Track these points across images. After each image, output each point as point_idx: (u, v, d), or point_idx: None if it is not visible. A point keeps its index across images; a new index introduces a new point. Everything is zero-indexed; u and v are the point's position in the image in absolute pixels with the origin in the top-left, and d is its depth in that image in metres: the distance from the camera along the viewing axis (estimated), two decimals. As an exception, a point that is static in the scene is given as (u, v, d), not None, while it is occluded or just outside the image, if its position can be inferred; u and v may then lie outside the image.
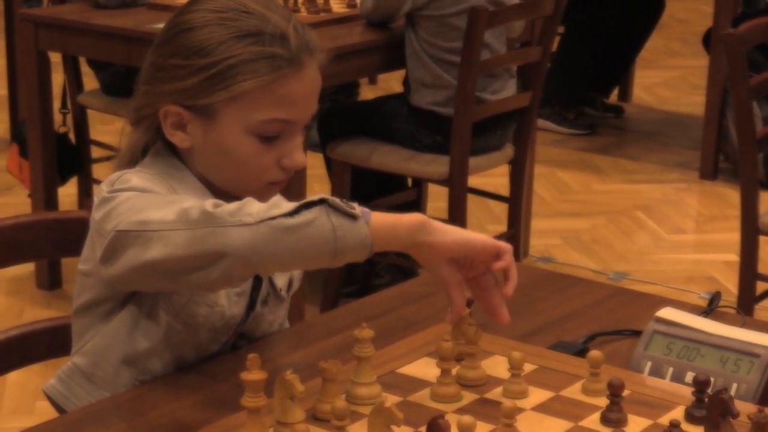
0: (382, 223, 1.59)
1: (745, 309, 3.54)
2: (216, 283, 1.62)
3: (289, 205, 1.56)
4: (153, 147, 1.83)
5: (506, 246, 1.69)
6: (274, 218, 1.54)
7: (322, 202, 1.56)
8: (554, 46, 5.31)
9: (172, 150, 1.82)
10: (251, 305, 1.87)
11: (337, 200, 1.56)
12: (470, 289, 1.71)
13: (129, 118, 1.84)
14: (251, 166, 1.78)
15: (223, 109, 1.75)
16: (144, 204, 1.65)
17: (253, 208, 1.56)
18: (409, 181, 4.45)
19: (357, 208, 1.57)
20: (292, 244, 1.54)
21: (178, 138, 1.80)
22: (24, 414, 3.46)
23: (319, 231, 1.54)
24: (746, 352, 1.76)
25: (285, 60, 1.74)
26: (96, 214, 1.71)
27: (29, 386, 3.55)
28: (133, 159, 1.85)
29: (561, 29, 6.15)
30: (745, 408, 1.61)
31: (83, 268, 1.81)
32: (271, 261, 1.58)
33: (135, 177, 1.75)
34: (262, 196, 1.80)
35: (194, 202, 1.61)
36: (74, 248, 1.89)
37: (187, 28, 1.77)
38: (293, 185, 3.85)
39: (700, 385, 1.65)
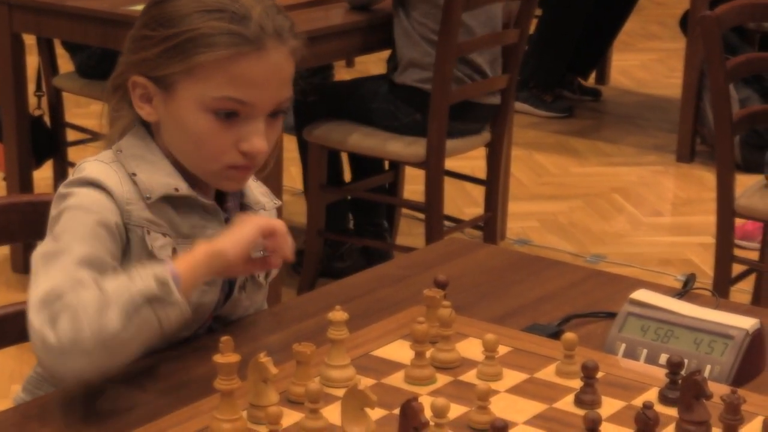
0: (187, 279, 1.67)
1: (720, 291, 3.56)
2: (55, 383, 1.73)
3: (117, 310, 1.60)
4: (133, 127, 1.83)
5: (275, 222, 1.78)
6: (111, 337, 1.60)
7: (146, 301, 1.62)
8: (531, 29, 5.32)
9: (148, 129, 1.82)
10: (230, 291, 1.87)
11: (159, 291, 1.62)
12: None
13: (107, 89, 1.85)
14: (207, 144, 1.77)
15: (180, 81, 1.75)
16: (68, 228, 1.70)
17: (85, 328, 1.58)
18: (386, 164, 4.44)
19: (173, 288, 1.63)
20: (125, 350, 1.63)
21: (145, 111, 1.80)
22: (-1, 398, 3.46)
23: (149, 328, 1.64)
24: (720, 333, 1.76)
25: (244, 38, 1.73)
26: (53, 209, 1.76)
27: (5, 370, 3.54)
28: (121, 137, 1.85)
29: (538, 12, 6.16)
30: (719, 389, 1.62)
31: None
32: (105, 369, 1.64)
33: (90, 166, 1.78)
34: (223, 180, 1.81)
35: (42, 312, 1.61)
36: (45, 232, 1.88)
37: (161, 0, 1.78)
38: (270, 170, 3.83)
39: (673, 367, 1.65)
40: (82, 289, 1.62)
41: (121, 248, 1.75)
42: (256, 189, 1.92)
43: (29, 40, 4.39)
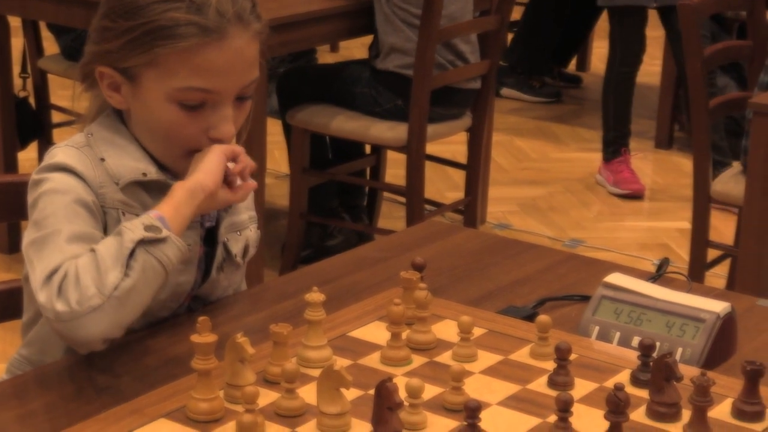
0: (173, 217, 1.68)
1: (696, 275, 3.57)
2: (84, 351, 1.71)
3: (114, 262, 1.62)
4: (105, 111, 1.82)
5: (238, 148, 1.77)
6: (116, 287, 1.61)
7: (138, 244, 1.63)
8: (515, 16, 5.32)
9: (119, 114, 1.82)
10: (207, 271, 1.86)
11: (146, 233, 1.63)
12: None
13: (77, 77, 1.84)
14: (175, 134, 1.76)
15: (144, 73, 1.74)
16: (49, 213, 1.70)
17: (90, 287, 1.60)
18: (368, 148, 4.44)
19: (161, 227, 1.65)
20: (137, 297, 1.64)
21: (115, 100, 1.79)
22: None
23: (153, 272, 1.65)
24: (692, 317, 1.77)
25: (204, 28, 1.70)
26: (29, 196, 1.76)
27: (-14, 348, 3.53)
28: (93, 121, 1.85)
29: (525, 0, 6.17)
30: (690, 372, 1.62)
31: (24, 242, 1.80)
32: (126, 321, 1.66)
33: (61, 152, 1.77)
34: None
35: (47, 287, 1.63)
36: (26, 213, 1.86)
37: None
38: (253, 153, 3.82)
39: (645, 350, 1.66)
40: (78, 258, 1.64)
41: (101, 225, 1.74)
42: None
43: (14, 22, 4.37)
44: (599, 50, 6.90)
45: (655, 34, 6.28)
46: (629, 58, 5.08)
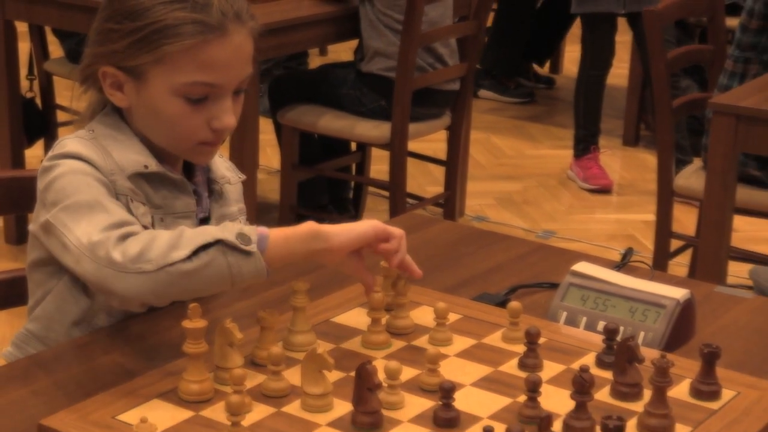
0: (277, 241, 1.60)
1: (660, 264, 3.58)
2: (118, 307, 1.71)
3: (187, 245, 1.57)
4: (104, 109, 1.81)
5: (397, 231, 1.70)
6: (172, 264, 1.56)
7: (218, 242, 1.57)
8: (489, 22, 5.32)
9: (119, 112, 1.80)
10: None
11: (232, 235, 1.57)
12: (383, 257, 1.71)
13: (78, 79, 1.83)
14: (180, 126, 1.75)
15: (150, 71, 1.73)
16: (72, 198, 1.66)
17: (153, 250, 1.57)
18: (353, 145, 4.43)
19: (253, 242, 1.58)
20: (189, 285, 1.58)
21: (117, 98, 1.78)
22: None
23: (216, 271, 1.57)
24: (653, 303, 1.76)
25: (208, 26, 1.71)
26: (39, 183, 1.73)
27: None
28: (91, 119, 1.83)
29: (494, 5, 6.16)
30: (651, 354, 1.62)
31: (32, 228, 1.78)
32: (167, 298, 1.63)
33: (71, 143, 1.75)
34: (195, 155, 1.80)
35: (108, 224, 1.60)
36: (30, 206, 1.85)
37: None
38: (247, 150, 3.83)
39: (609, 334, 1.66)
40: (161, 231, 1.61)
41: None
42: (221, 164, 1.91)
43: (21, 27, 4.35)
44: (571, 54, 6.90)
45: (622, 38, 6.28)
46: (600, 62, 5.09)
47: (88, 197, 1.66)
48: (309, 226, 1.63)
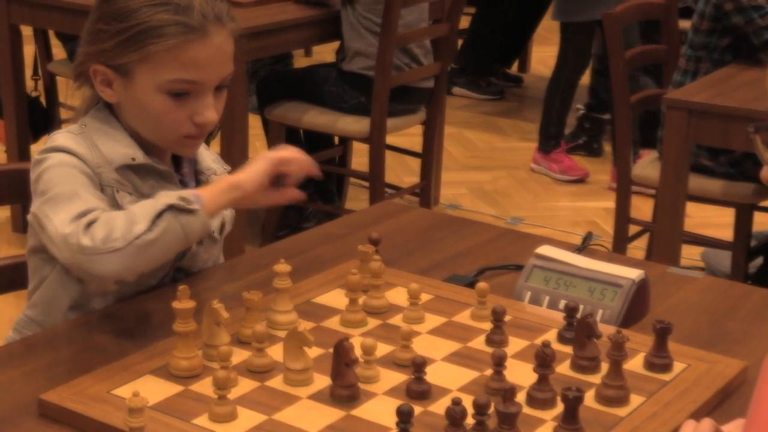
0: (209, 200, 1.65)
1: (619, 248, 3.58)
2: (95, 290, 1.74)
3: (144, 217, 1.59)
4: (97, 104, 1.80)
5: (287, 153, 1.74)
6: (138, 237, 1.58)
7: (168, 208, 1.60)
8: (463, 24, 5.30)
9: (110, 107, 1.79)
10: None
11: (175, 198, 1.61)
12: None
13: (71, 76, 1.81)
14: (165, 121, 1.74)
15: (136, 68, 1.72)
16: (56, 189, 1.67)
17: (117, 230, 1.58)
18: (336, 139, 4.42)
19: (192, 198, 1.63)
20: (155, 252, 1.61)
21: (107, 94, 1.77)
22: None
23: (173, 234, 1.61)
24: (611, 283, 1.76)
25: (189, 27, 1.70)
26: (32, 174, 1.72)
27: (3, 316, 3.49)
28: (85, 114, 1.82)
29: (472, 10, 6.15)
30: (608, 330, 1.61)
31: (30, 217, 1.77)
32: (138, 269, 1.63)
33: (61, 136, 1.75)
34: (181, 147, 1.79)
35: (75, 222, 1.60)
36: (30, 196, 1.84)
37: None
38: (237, 145, 3.81)
39: (570, 311, 1.65)
40: (109, 210, 1.63)
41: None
42: (208, 156, 1.90)
43: (27, 31, 4.32)
44: (538, 54, 6.90)
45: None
46: (579, 66, 5.08)
47: (66, 188, 1.67)
48: (226, 180, 1.70)
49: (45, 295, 1.80)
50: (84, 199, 1.65)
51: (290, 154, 1.74)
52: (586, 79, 5.29)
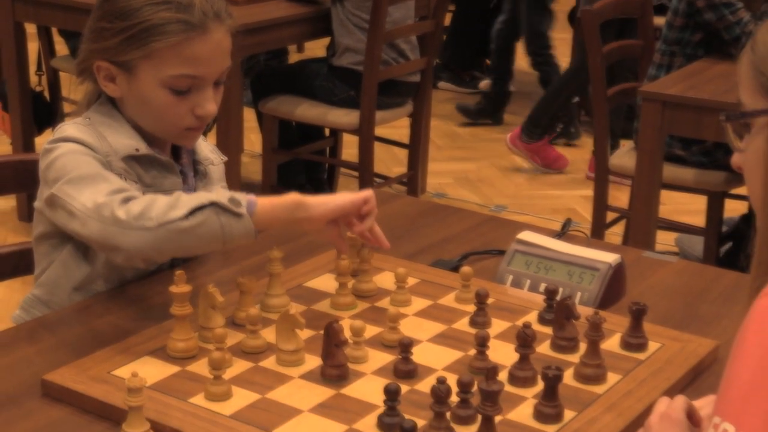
0: (264, 208, 1.58)
1: (597, 233, 3.58)
2: (122, 263, 1.67)
3: (185, 206, 1.55)
4: (99, 98, 1.79)
5: (368, 192, 1.68)
6: (171, 222, 1.54)
7: (212, 204, 1.55)
8: (446, 21, 5.29)
9: (112, 101, 1.78)
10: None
11: (225, 199, 1.56)
12: (350, 230, 1.69)
13: (74, 71, 1.80)
14: (167, 114, 1.73)
15: (140, 65, 1.71)
16: (75, 172, 1.64)
17: (154, 210, 1.55)
18: (327, 131, 4.41)
19: (243, 205, 1.57)
20: (185, 242, 1.56)
21: (110, 89, 1.75)
22: None
23: (210, 230, 1.55)
24: (588, 266, 1.76)
25: (190, 25, 1.68)
26: (41, 163, 1.70)
27: (11, 300, 3.47)
28: (87, 108, 1.80)
29: (453, 7, 6.13)
30: (586, 312, 1.62)
31: (37, 205, 1.77)
32: (167, 254, 1.61)
33: (70, 128, 1.73)
34: (182, 139, 1.77)
35: (111, 190, 1.58)
36: (34, 186, 1.83)
37: None
38: (232, 136, 3.80)
39: (550, 294, 1.65)
40: (159, 195, 1.58)
41: None
42: (205, 147, 1.89)
43: (30, 28, 4.30)
44: (520, 49, 6.87)
45: (565, 35, 6.29)
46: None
47: (88, 170, 1.64)
48: (293, 197, 1.61)
49: (52, 276, 1.79)
50: (112, 180, 1.62)
51: (371, 196, 1.67)
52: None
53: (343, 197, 1.65)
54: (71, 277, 1.77)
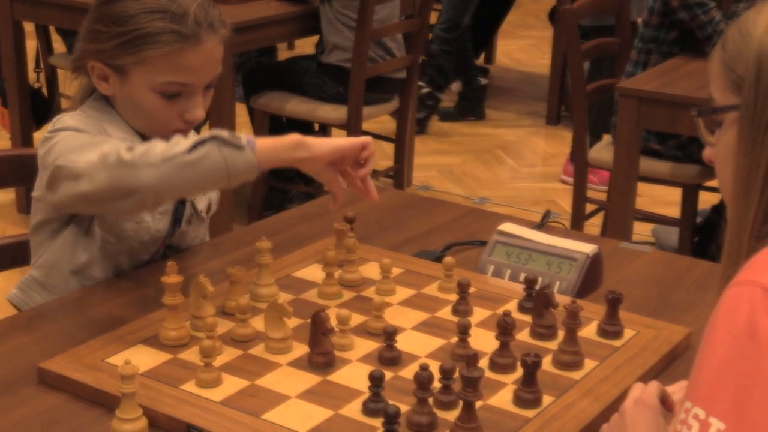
0: (265, 146, 1.52)
1: (577, 225, 3.58)
2: (133, 210, 1.62)
3: (186, 143, 1.51)
4: (93, 93, 1.78)
5: (367, 138, 1.64)
6: (175, 156, 1.50)
7: (213, 138, 1.51)
8: (432, 20, 5.28)
9: (107, 98, 1.77)
10: (177, 223, 1.82)
11: (225, 134, 1.51)
12: (344, 179, 1.65)
13: (70, 68, 1.79)
14: (156, 117, 1.71)
15: (132, 69, 1.69)
16: (75, 143, 1.61)
17: (157, 149, 1.51)
18: (316, 126, 4.40)
19: (243, 139, 1.52)
20: (191, 175, 1.50)
21: (103, 87, 1.74)
22: None
23: (213, 162, 1.49)
24: (567, 257, 1.76)
25: (183, 36, 1.67)
26: (41, 151, 1.68)
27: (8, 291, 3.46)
28: (81, 102, 1.79)
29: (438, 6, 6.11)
30: (564, 300, 1.61)
31: (35, 194, 1.75)
32: (176, 190, 1.54)
33: (69, 118, 1.71)
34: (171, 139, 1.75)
35: (113, 145, 1.55)
36: (32, 179, 1.82)
37: (108, 0, 1.71)
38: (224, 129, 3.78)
39: (529, 283, 1.65)
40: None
41: None
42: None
43: (29, 26, 4.27)
44: (503, 47, 6.89)
45: (546, 34, 6.30)
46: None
47: (89, 140, 1.62)
48: (294, 136, 1.55)
49: (50, 258, 1.78)
50: (113, 141, 1.58)
51: (369, 141, 1.62)
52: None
53: (344, 140, 1.60)
54: (67, 260, 1.76)
